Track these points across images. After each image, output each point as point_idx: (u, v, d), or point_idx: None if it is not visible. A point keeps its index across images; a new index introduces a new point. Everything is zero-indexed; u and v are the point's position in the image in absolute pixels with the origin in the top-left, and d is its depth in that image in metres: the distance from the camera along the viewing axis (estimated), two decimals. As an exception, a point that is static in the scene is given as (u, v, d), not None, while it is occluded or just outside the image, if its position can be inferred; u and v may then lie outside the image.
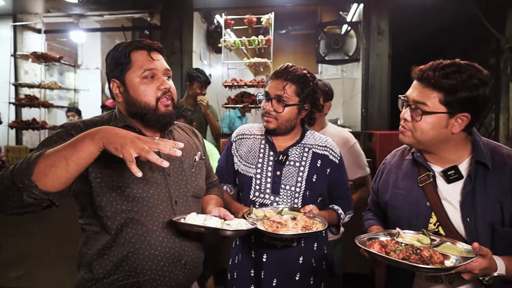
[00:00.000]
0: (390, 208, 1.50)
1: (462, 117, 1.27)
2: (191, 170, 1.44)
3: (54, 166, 0.98)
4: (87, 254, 1.27)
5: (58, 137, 1.20)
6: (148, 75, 1.30)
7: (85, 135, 1.01)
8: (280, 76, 1.65)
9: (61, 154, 0.98)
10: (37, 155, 1.00)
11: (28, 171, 0.97)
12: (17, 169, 0.98)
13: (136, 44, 1.32)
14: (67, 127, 1.25)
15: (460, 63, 1.27)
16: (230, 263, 1.79)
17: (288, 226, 1.42)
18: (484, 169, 1.28)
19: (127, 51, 1.30)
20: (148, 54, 1.31)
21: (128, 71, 1.29)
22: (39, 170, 0.97)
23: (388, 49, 4.19)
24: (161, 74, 1.32)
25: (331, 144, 1.76)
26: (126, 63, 1.29)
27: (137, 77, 1.29)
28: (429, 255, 1.11)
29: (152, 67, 1.30)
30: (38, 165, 0.98)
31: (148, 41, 1.34)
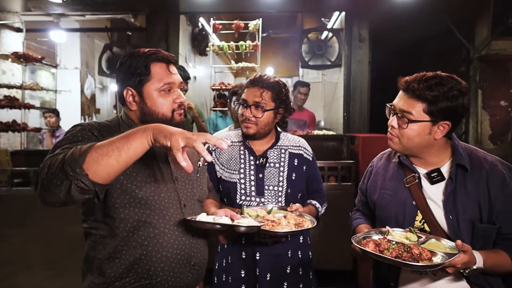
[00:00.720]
0: (378, 207, 1.61)
1: (444, 125, 1.40)
2: (196, 175, 1.49)
3: (106, 155, 1.00)
4: (96, 259, 1.28)
5: (83, 136, 1.21)
6: (166, 88, 1.34)
7: (137, 129, 1.06)
8: (256, 84, 1.77)
9: (114, 145, 1.01)
10: (89, 145, 1.01)
11: (81, 159, 0.98)
12: (69, 157, 0.99)
13: (155, 55, 1.34)
14: (86, 126, 1.27)
15: (442, 76, 1.40)
16: (216, 267, 1.85)
17: (282, 224, 1.52)
18: (463, 171, 1.41)
19: (148, 62, 1.31)
20: (167, 68, 1.34)
21: (147, 83, 1.32)
22: (92, 159, 0.99)
23: (368, 56, 4.38)
24: (176, 88, 1.37)
25: (304, 143, 1.93)
26: (145, 75, 1.31)
27: (155, 90, 1.32)
28: (419, 253, 1.22)
29: (170, 81, 1.34)
30: (90, 154, 0.99)
31: (166, 54, 1.37)
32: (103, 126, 1.32)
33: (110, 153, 1.00)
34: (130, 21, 4.82)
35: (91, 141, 1.18)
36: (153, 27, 4.34)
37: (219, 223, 1.27)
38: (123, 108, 1.42)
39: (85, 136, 1.21)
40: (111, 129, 1.32)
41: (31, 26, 4.89)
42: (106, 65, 4.97)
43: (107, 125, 1.35)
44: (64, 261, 3.37)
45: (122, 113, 1.42)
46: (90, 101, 6.56)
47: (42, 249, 3.50)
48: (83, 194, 1.02)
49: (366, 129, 4.39)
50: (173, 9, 4.34)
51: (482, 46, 4.19)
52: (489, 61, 4.21)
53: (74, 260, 3.46)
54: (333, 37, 4.61)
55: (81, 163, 0.98)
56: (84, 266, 1.34)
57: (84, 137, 1.21)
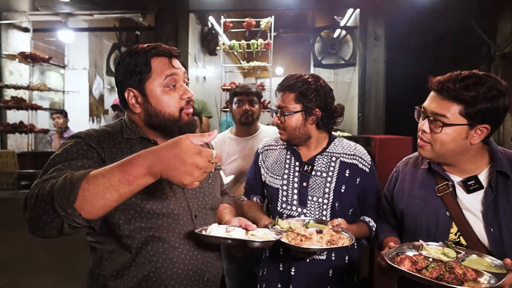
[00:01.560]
0: (407, 217, 1.48)
1: (482, 128, 1.27)
2: (208, 181, 1.38)
3: (102, 197, 0.87)
4: (101, 276, 1.18)
5: (77, 151, 1.09)
6: (170, 83, 1.22)
7: (139, 163, 0.88)
8: (279, 88, 1.64)
9: (110, 184, 0.87)
10: (78, 178, 0.88)
11: (71, 198, 0.85)
12: (57, 193, 0.86)
13: (155, 50, 1.23)
14: (83, 138, 1.14)
15: (479, 74, 1.27)
16: (259, 275, 1.76)
17: (313, 239, 1.38)
18: (504, 179, 1.28)
19: (148, 58, 1.21)
20: (169, 62, 1.23)
21: (149, 80, 1.21)
22: (84, 198, 0.86)
23: (384, 54, 4.25)
24: (181, 81, 1.26)
25: (361, 152, 1.69)
26: (146, 72, 1.20)
27: (158, 86, 1.21)
28: (463, 273, 1.08)
29: (173, 72, 1.22)
30: (82, 191, 0.86)
31: (167, 47, 1.25)
32: (102, 134, 1.20)
33: (107, 194, 0.87)
34: (139, 20, 4.77)
35: (88, 157, 1.08)
36: (162, 26, 4.27)
37: (230, 238, 1.17)
38: (126, 112, 1.31)
39: (80, 152, 1.09)
40: (112, 136, 1.21)
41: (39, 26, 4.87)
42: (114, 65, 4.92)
43: (108, 132, 1.23)
44: (70, 265, 3.36)
45: (125, 117, 1.31)
46: (99, 102, 6.55)
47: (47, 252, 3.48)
48: (76, 229, 0.90)
49: (381, 130, 4.26)
50: (182, 8, 4.26)
51: (504, 43, 4.02)
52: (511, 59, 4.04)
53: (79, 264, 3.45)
54: (347, 35, 4.48)
55: (72, 201, 0.85)
56: (88, 281, 1.24)
57: (79, 152, 1.09)
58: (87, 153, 1.08)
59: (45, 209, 0.86)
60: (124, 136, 1.22)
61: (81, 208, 0.85)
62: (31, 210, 0.87)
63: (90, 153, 1.09)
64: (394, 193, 1.57)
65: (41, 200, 0.87)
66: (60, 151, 1.08)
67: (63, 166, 0.99)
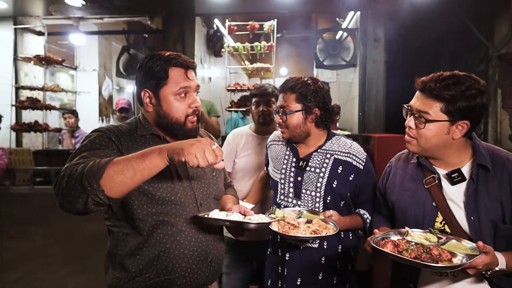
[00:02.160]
0: (397, 208, 1.60)
1: (462, 124, 1.37)
2: (212, 174, 1.52)
3: (121, 173, 1.04)
4: (118, 255, 1.33)
5: (100, 142, 1.25)
6: (182, 92, 1.35)
7: (154, 149, 1.08)
8: (281, 90, 1.76)
9: (129, 163, 1.05)
10: (106, 161, 1.06)
11: (98, 174, 1.03)
12: (87, 171, 1.03)
13: (175, 60, 1.35)
14: (104, 132, 1.30)
15: (459, 75, 1.37)
16: (267, 255, 1.91)
17: (300, 228, 1.50)
18: (485, 171, 1.39)
19: (167, 67, 1.33)
20: (185, 73, 1.36)
21: (164, 87, 1.34)
22: (108, 175, 1.03)
23: (384, 55, 4.35)
24: (193, 92, 1.39)
25: (356, 149, 1.77)
26: (163, 78, 1.33)
27: (171, 94, 1.34)
28: (438, 254, 1.21)
29: (187, 85, 1.35)
30: (107, 170, 1.03)
31: (185, 59, 1.38)
32: (120, 129, 1.36)
33: (125, 172, 1.05)
34: (147, 23, 4.91)
35: (109, 148, 1.24)
36: (169, 29, 4.41)
37: (228, 220, 1.30)
38: (141, 109, 1.46)
39: (102, 143, 1.25)
40: (128, 132, 1.37)
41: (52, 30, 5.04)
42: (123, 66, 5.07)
43: (126, 128, 1.39)
44: (85, 258, 3.49)
45: (140, 115, 1.47)
46: (108, 102, 6.71)
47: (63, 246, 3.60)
48: (98, 206, 1.08)
49: (381, 129, 4.36)
50: (189, 12, 4.40)
51: (501, 44, 4.10)
52: (509, 60, 4.11)
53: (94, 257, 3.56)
54: (348, 37, 4.59)
55: (99, 179, 1.03)
56: (107, 261, 1.40)
57: (102, 143, 1.25)
58: (109, 145, 1.27)
59: (75, 185, 1.03)
60: (138, 132, 1.39)
61: (104, 184, 1.03)
62: (62, 186, 1.05)
63: (111, 145, 1.27)
64: (386, 186, 1.71)
65: (72, 178, 1.05)
66: (86, 142, 1.27)
67: (88, 154, 1.16)
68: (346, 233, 1.80)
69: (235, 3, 4.27)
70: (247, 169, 2.37)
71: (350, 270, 1.82)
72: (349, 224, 1.71)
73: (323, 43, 4.64)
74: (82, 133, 5.00)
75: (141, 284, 1.31)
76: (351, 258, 1.81)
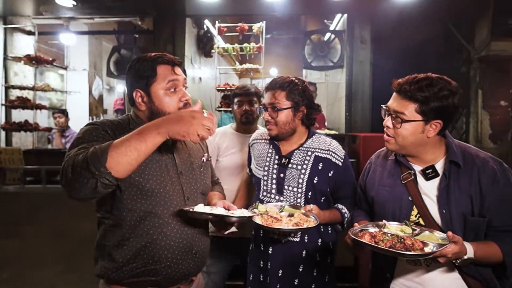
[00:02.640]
0: (376, 202, 1.69)
1: (436, 124, 1.46)
2: (200, 170, 1.59)
3: (126, 155, 1.11)
4: (106, 246, 1.38)
5: (97, 134, 1.32)
6: (171, 87, 1.42)
7: (150, 128, 1.15)
8: (270, 87, 1.83)
9: (131, 145, 1.12)
10: (107, 145, 1.12)
11: (103, 158, 1.09)
12: (91, 157, 1.09)
13: (161, 58, 1.43)
14: (99, 125, 1.37)
15: (432, 77, 1.46)
16: (250, 249, 1.97)
17: (282, 221, 1.57)
18: (456, 168, 1.47)
19: (154, 65, 1.41)
20: (172, 69, 1.44)
21: (154, 83, 1.41)
22: (112, 158, 1.09)
23: (370, 57, 4.47)
24: (181, 86, 1.47)
25: (335, 147, 1.86)
26: (152, 76, 1.41)
27: (161, 89, 1.41)
28: (411, 243, 1.29)
29: (174, 78, 1.43)
30: (110, 153, 1.10)
31: (171, 56, 1.46)
32: (114, 123, 1.42)
33: (129, 153, 1.12)
34: (137, 23, 4.93)
35: (106, 139, 1.28)
36: (160, 30, 4.45)
37: (211, 213, 1.35)
38: (132, 109, 1.52)
39: (99, 135, 1.32)
40: (122, 127, 1.43)
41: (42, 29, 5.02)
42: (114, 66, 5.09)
43: (119, 123, 1.45)
44: (75, 257, 3.48)
45: (131, 113, 1.53)
46: (98, 102, 6.69)
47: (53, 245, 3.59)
48: (107, 188, 1.14)
49: (368, 129, 4.48)
50: (180, 13, 4.45)
51: (482, 47, 4.26)
52: (489, 62, 4.27)
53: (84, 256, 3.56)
54: (336, 39, 4.70)
55: (104, 162, 1.09)
56: (96, 252, 1.45)
57: (99, 135, 1.32)
58: (105, 136, 1.32)
59: (81, 172, 1.09)
60: (130, 127, 1.45)
61: (111, 167, 1.10)
62: (69, 177, 1.12)
63: (107, 137, 1.32)
64: (366, 181, 1.79)
65: (78, 166, 1.10)
66: (82, 134, 1.33)
67: (87, 145, 1.21)
68: (326, 228, 1.87)
69: (225, 4, 4.34)
70: (233, 167, 2.41)
71: (330, 263, 1.89)
72: (328, 218, 1.78)
73: (311, 45, 4.74)
74: (72, 133, 5.00)
75: (128, 273, 1.36)
76: (330, 252, 1.88)
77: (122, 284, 1.39)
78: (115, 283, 1.39)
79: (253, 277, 1.90)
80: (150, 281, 1.39)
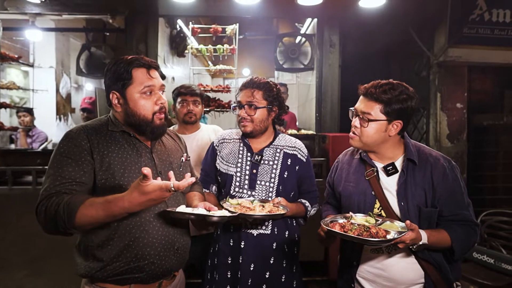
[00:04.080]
0: (343, 197, 1.84)
1: (397, 123, 1.66)
2: (179, 169, 1.66)
3: (91, 223, 1.31)
4: (89, 247, 1.43)
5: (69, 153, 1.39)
6: (147, 91, 1.47)
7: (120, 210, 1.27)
8: (248, 86, 1.94)
9: (98, 217, 1.28)
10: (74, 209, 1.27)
11: (70, 221, 1.27)
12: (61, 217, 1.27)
13: (137, 62, 1.47)
14: (75, 138, 1.41)
15: (393, 82, 1.66)
16: (210, 251, 2.02)
17: (256, 210, 1.69)
18: (412, 165, 1.66)
19: (130, 68, 1.45)
20: (148, 72, 1.48)
21: (130, 87, 1.46)
22: (79, 222, 1.27)
23: (338, 60, 4.66)
24: (157, 90, 1.51)
25: (300, 145, 2.05)
26: (127, 79, 1.45)
27: (137, 93, 1.46)
28: (376, 231, 1.45)
29: (151, 84, 1.47)
30: (78, 218, 1.27)
31: (147, 59, 1.51)
32: (91, 129, 1.47)
33: (94, 222, 1.31)
34: (107, 21, 4.85)
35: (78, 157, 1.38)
36: (132, 29, 4.41)
37: (193, 213, 1.42)
38: (111, 110, 1.56)
39: (71, 153, 1.39)
40: (99, 129, 1.48)
41: (6, 25, 4.82)
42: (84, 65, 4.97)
43: (96, 125, 1.50)
44: (42, 260, 3.43)
45: (111, 114, 1.57)
46: (66, 100, 6.48)
47: (19, 248, 3.50)
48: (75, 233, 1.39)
49: (336, 129, 4.67)
50: (153, 12, 4.43)
51: (440, 53, 4.56)
52: (446, 67, 4.58)
53: (52, 260, 3.51)
54: (306, 42, 4.86)
55: (71, 224, 1.27)
56: (77, 253, 1.48)
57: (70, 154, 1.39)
58: (76, 153, 1.40)
59: (52, 224, 1.30)
60: (109, 128, 1.49)
61: (76, 227, 1.30)
62: (42, 221, 1.32)
63: (79, 152, 1.40)
64: (334, 178, 1.94)
65: (49, 220, 1.30)
66: (55, 154, 1.41)
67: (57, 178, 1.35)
68: (291, 220, 2.01)
69: (199, 6, 4.37)
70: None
71: (296, 254, 2.03)
72: (295, 210, 1.92)
73: (283, 47, 4.88)
74: (38, 132, 4.83)
75: (112, 271, 1.41)
76: (296, 243, 2.02)
77: (107, 282, 1.42)
78: (99, 281, 1.43)
79: (219, 275, 1.92)
80: (134, 278, 1.44)
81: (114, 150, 1.44)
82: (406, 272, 1.64)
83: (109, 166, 1.40)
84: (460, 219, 1.62)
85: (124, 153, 1.45)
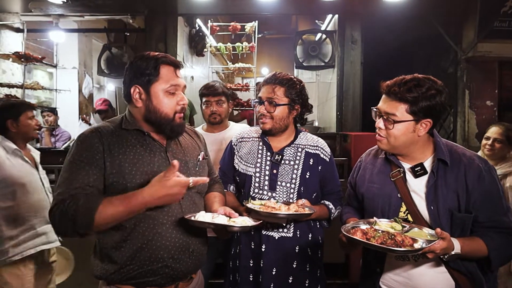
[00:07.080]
0: (366, 199, 1.73)
1: (426, 122, 1.52)
2: (195, 169, 1.60)
3: (109, 222, 1.30)
4: (104, 248, 1.41)
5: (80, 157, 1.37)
6: (172, 90, 1.44)
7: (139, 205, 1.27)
8: (269, 82, 1.85)
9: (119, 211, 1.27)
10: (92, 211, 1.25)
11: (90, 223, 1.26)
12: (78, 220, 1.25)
13: (165, 58, 1.43)
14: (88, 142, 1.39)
15: (419, 77, 1.51)
16: (231, 253, 1.95)
17: (281, 210, 1.61)
18: (444, 165, 1.53)
19: (158, 64, 1.41)
20: (174, 71, 1.45)
21: (155, 83, 1.42)
22: (100, 220, 1.26)
23: (360, 57, 4.52)
24: (180, 90, 1.49)
25: (322, 144, 1.94)
26: (154, 75, 1.41)
27: (162, 90, 1.42)
28: (401, 240, 1.33)
29: (176, 83, 1.44)
30: (96, 220, 1.25)
31: (174, 59, 1.48)
32: (103, 130, 1.43)
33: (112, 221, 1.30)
34: (128, 21, 4.90)
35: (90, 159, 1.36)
36: (152, 28, 4.44)
37: (213, 223, 1.37)
38: (128, 106, 1.52)
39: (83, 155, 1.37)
40: (111, 130, 1.45)
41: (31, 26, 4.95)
42: (105, 65, 5.04)
43: (108, 126, 1.47)
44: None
45: (126, 112, 1.53)
46: (88, 101, 6.62)
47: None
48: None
49: (358, 128, 4.54)
50: (172, 11, 4.44)
51: (468, 48, 4.35)
52: (475, 63, 4.37)
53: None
54: (327, 39, 4.74)
55: (90, 226, 1.26)
56: (94, 255, 1.47)
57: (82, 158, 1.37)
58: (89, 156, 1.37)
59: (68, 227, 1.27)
60: (122, 127, 1.45)
61: (94, 228, 1.27)
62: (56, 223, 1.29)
63: (92, 154, 1.37)
64: (357, 179, 1.83)
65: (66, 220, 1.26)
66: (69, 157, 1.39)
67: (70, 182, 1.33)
68: (315, 223, 1.92)
69: (217, 4, 4.34)
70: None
71: (320, 257, 1.93)
72: (319, 212, 1.82)
73: (302, 45, 4.78)
74: (61, 132, 4.94)
75: (126, 275, 1.38)
76: (320, 246, 1.93)
77: (122, 283, 1.41)
78: (115, 283, 1.41)
79: (241, 278, 1.87)
80: (148, 282, 1.41)
81: (125, 151, 1.41)
82: (434, 283, 1.52)
83: (119, 168, 1.37)
84: (498, 226, 1.48)
85: (136, 154, 1.42)
